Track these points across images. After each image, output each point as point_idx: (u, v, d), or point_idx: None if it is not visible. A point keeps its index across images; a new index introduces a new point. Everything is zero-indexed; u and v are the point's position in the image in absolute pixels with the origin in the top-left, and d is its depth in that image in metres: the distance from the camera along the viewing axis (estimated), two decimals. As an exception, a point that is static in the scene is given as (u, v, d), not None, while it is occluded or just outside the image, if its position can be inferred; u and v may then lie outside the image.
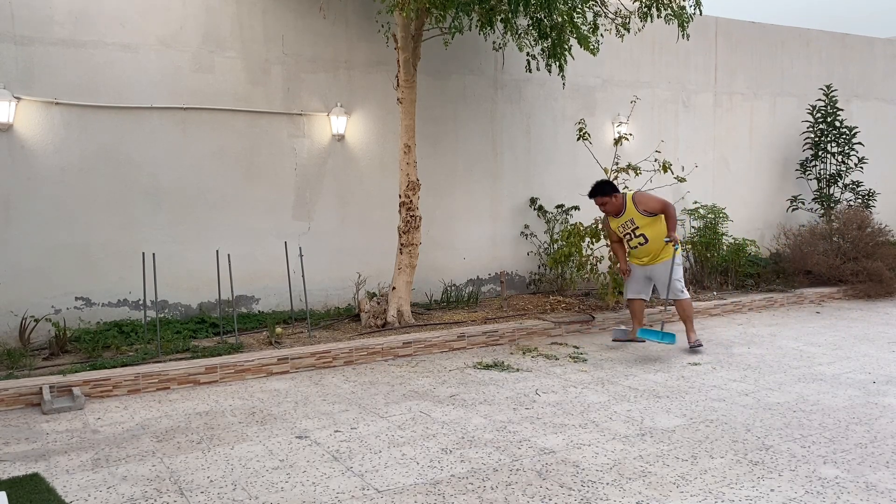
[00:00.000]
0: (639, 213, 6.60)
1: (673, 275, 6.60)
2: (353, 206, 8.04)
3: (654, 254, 6.66)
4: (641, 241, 6.65)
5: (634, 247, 6.71)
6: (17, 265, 6.60)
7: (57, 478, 3.90)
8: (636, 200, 6.65)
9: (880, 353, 6.45)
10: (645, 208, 6.59)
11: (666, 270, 6.62)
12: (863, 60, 11.68)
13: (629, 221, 6.66)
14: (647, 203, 6.62)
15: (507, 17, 6.47)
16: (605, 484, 3.71)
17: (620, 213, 6.69)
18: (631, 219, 6.64)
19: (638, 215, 6.61)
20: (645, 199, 6.66)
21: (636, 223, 6.63)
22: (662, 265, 6.65)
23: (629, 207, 6.64)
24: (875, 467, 3.88)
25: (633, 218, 6.63)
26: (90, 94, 6.81)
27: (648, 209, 6.58)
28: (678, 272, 6.66)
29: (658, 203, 6.61)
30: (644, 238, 6.62)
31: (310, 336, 6.81)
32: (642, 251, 6.70)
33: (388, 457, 4.14)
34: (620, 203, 6.68)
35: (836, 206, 10.49)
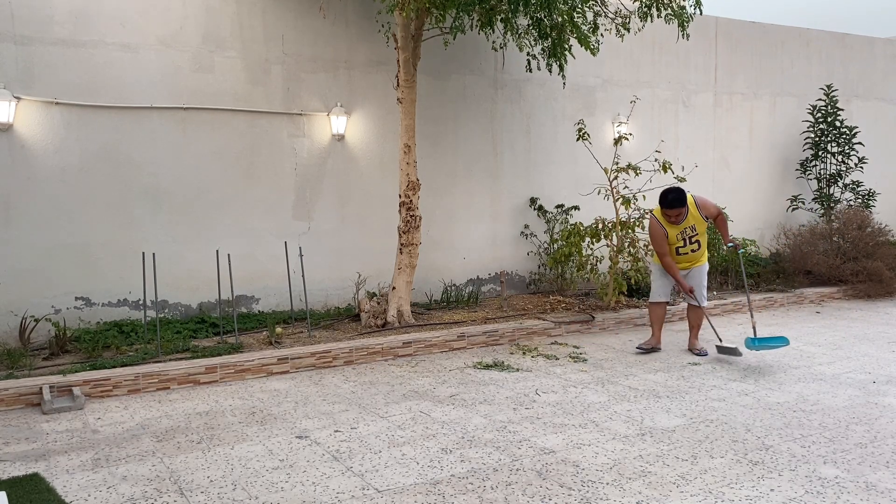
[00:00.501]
0: (702, 217, 6.36)
1: (703, 281, 6.55)
2: (352, 206, 8.04)
3: (697, 258, 6.52)
4: (695, 248, 6.44)
5: (685, 253, 6.44)
6: (17, 265, 6.60)
7: (57, 478, 3.90)
8: (699, 205, 6.39)
9: (880, 353, 6.45)
10: (707, 213, 6.39)
11: (700, 274, 6.53)
12: (863, 60, 11.68)
13: (691, 228, 6.38)
14: (708, 208, 6.42)
15: (507, 16, 6.47)
16: (605, 484, 3.71)
17: (683, 218, 6.36)
18: (692, 225, 6.37)
19: (701, 220, 6.37)
20: (706, 205, 6.44)
21: (697, 229, 6.38)
22: (699, 269, 6.54)
23: (692, 212, 6.35)
24: (875, 467, 3.88)
25: (695, 224, 6.37)
26: (90, 94, 6.81)
27: (709, 214, 6.41)
28: (705, 279, 6.61)
29: (716, 208, 6.49)
30: (698, 244, 6.42)
31: (310, 336, 6.81)
32: (691, 257, 6.50)
33: (388, 457, 4.14)
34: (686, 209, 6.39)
35: (836, 206, 10.49)
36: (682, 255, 6.46)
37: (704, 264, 6.55)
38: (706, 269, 6.58)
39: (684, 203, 6.29)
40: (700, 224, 6.39)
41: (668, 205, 6.29)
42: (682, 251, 6.45)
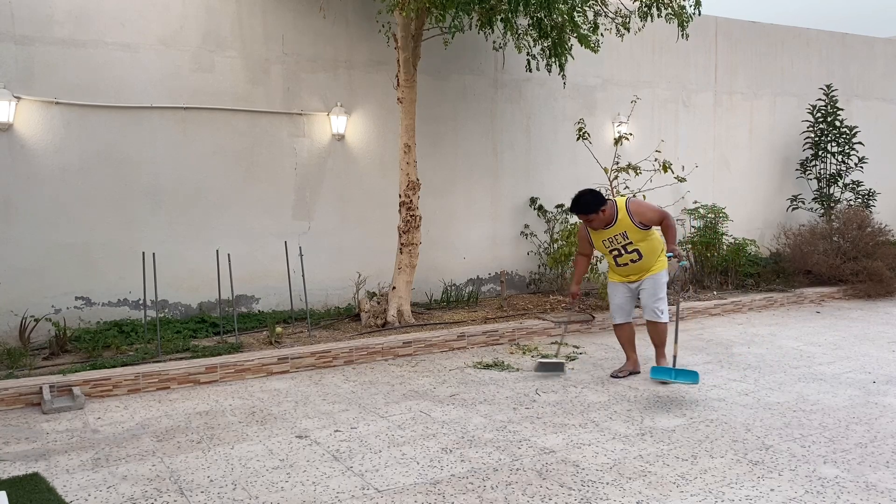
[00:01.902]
0: (635, 225, 5.53)
1: (657, 292, 5.68)
2: (353, 206, 8.04)
3: (646, 269, 5.70)
4: (634, 258, 5.63)
5: (624, 263, 5.67)
6: (17, 265, 6.60)
7: (57, 477, 3.90)
8: (632, 210, 5.54)
9: (880, 353, 6.45)
10: (642, 220, 5.53)
11: (653, 285, 5.68)
12: (863, 60, 11.68)
13: (621, 235, 5.56)
14: (644, 213, 5.54)
15: (507, 16, 6.46)
16: (605, 484, 3.71)
17: (609, 225, 5.60)
18: (623, 232, 5.55)
19: (633, 228, 5.53)
20: (642, 210, 5.56)
21: (630, 237, 5.56)
22: (650, 279, 5.69)
23: (622, 218, 5.54)
24: (875, 467, 3.88)
25: (626, 231, 5.54)
26: (90, 94, 6.81)
27: (645, 220, 5.53)
28: (663, 291, 5.70)
29: (657, 213, 5.55)
30: (638, 254, 5.60)
31: (310, 336, 6.81)
32: (634, 268, 5.70)
33: (388, 456, 4.14)
34: (610, 214, 5.57)
35: (836, 205, 10.49)
36: (623, 267, 5.71)
37: (657, 273, 5.68)
38: (660, 279, 5.68)
39: (593, 209, 5.53)
40: (634, 232, 5.53)
41: (575, 210, 5.66)
42: (620, 262, 5.69)
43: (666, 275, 5.75)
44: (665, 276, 5.74)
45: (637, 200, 5.78)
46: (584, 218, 5.66)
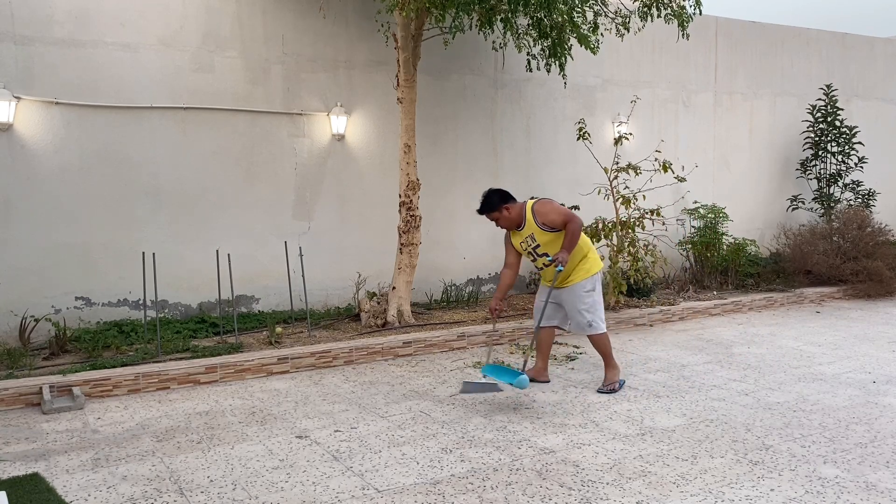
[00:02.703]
0: (538, 227, 5.24)
1: (577, 303, 5.36)
2: (353, 206, 8.04)
3: (565, 275, 5.37)
4: (546, 262, 5.34)
5: (541, 268, 5.43)
6: (17, 265, 6.60)
7: (57, 477, 3.90)
8: (536, 212, 5.26)
9: (880, 353, 6.45)
10: (545, 221, 5.22)
11: (571, 296, 5.37)
12: (863, 60, 11.69)
13: (530, 237, 5.30)
14: (547, 215, 5.23)
15: (507, 16, 6.46)
16: (605, 484, 3.71)
17: (521, 227, 5.33)
18: (531, 234, 5.28)
19: (538, 230, 5.24)
20: (545, 211, 5.25)
21: (537, 240, 5.27)
22: (568, 289, 5.38)
23: (529, 220, 5.27)
24: (875, 467, 3.88)
25: (533, 233, 5.27)
26: (90, 94, 6.81)
27: (549, 223, 5.22)
28: (587, 300, 5.35)
29: (560, 216, 5.21)
30: (548, 258, 5.32)
31: (310, 336, 6.81)
32: (548, 273, 5.40)
33: (388, 456, 4.14)
34: (517, 215, 5.30)
35: (836, 205, 10.49)
36: (543, 271, 5.46)
37: (576, 283, 5.34)
38: (579, 289, 5.34)
39: (495, 208, 5.31)
40: (540, 234, 5.25)
41: (478, 210, 5.43)
42: (537, 266, 5.45)
43: (589, 283, 5.35)
44: (587, 284, 5.35)
45: (544, 201, 5.40)
46: (489, 218, 5.43)
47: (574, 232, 5.16)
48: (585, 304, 5.36)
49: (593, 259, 5.44)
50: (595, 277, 5.41)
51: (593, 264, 5.42)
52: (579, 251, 5.36)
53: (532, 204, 5.34)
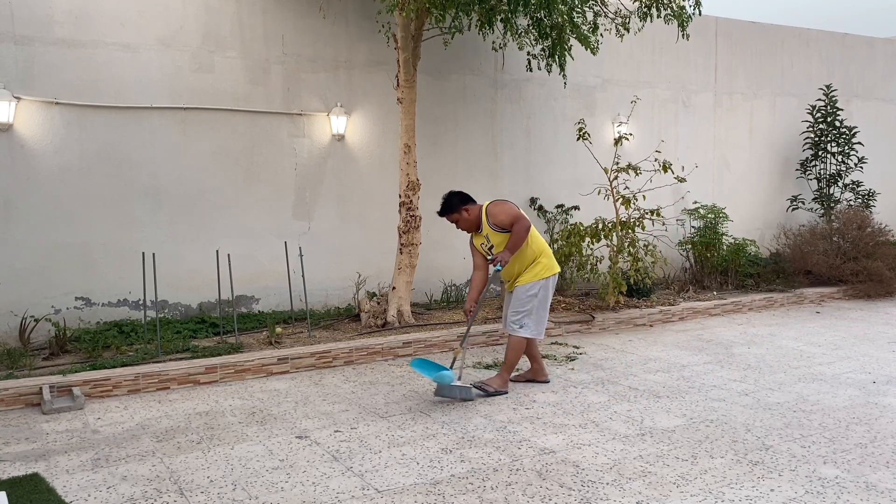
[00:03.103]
0: (490, 227, 5.30)
1: (518, 305, 5.35)
2: (352, 206, 8.04)
3: (514, 276, 5.44)
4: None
5: (497, 269, 5.34)
6: (17, 265, 6.60)
7: (57, 478, 3.90)
8: (488, 213, 5.33)
9: (880, 353, 6.45)
10: (495, 222, 5.28)
11: (516, 297, 5.37)
12: (863, 60, 11.69)
13: (485, 238, 5.37)
14: (497, 216, 5.28)
15: (507, 16, 6.47)
16: (605, 484, 3.71)
17: (480, 228, 5.40)
18: (487, 235, 5.35)
19: (491, 231, 5.30)
20: (496, 212, 5.30)
21: (491, 241, 5.34)
22: (515, 291, 5.40)
23: (483, 221, 5.35)
24: (875, 467, 3.88)
25: (488, 234, 5.34)
26: (90, 94, 6.81)
27: (498, 223, 5.27)
28: (527, 304, 5.32)
29: (508, 216, 5.24)
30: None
31: (310, 336, 6.81)
32: (505, 275, 5.47)
33: (388, 457, 4.14)
34: (475, 217, 5.38)
35: (836, 205, 10.50)
36: (499, 272, 5.40)
37: (522, 285, 5.35)
38: (523, 292, 5.33)
39: (451, 210, 5.42)
40: (493, 235, 5.31)
41: (439, 212, 5.52)
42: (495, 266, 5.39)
43: (534, 287, 5.32)
44: (532, 287, 5.32)
45: (497, 202, 5.43)
46: (450, 220, 5.52)
47: (518, 233, 5.18)
48: (524, 307, 5.33)
49: (545, 264, 5.38)
50: (541, 283, 5.34)
51: (543, 269, 5.36)
52: (531, 254, 5.35)
53: (487, 205, 5.39)
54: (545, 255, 5.41)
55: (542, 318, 5.40)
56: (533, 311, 5.34)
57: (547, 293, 5.40)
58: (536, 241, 5.39)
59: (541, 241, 5.44)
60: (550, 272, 5.40)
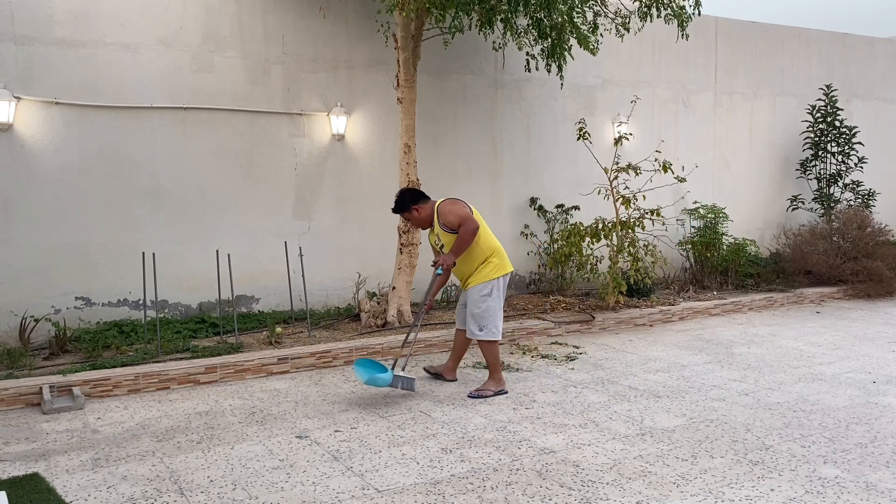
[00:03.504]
0: (440, 227, 5.30)
1: (472, 307, 5.31)
2: (352, 206, 8.04)
3: (465, 277, 5.43)
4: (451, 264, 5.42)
5: (438, 272, 5.38)
6: (17, 265, 6.60)
7: (57, 477, 3.90)
8: (439, 211, 5.31)
9: (880, 353, 6.45)
10: (444, 221, 5.26)
11: (469, 299, 5.36)
12: (863, 60, 11.69)
13: (436, 237, 5.39)
14: (446, 216, 5.25)
15: (506, 16, 6.46)
16: (605, 484, 3.71)
17: (433, 226, 5.41)
18: (438, 234, 5.36)
19: (441, 230, 5.30)
20: (446, 211, 5.27)
21: (442, 240, 5.34)
22: (467, 292, 5.39)
23: (435, 220, 5.34)
24: (875, 467, 3.88)
25: (438, 234, 5.34)
26: (90, 94, 6.81)
27: (447, 223, 5.25)
28: (481, 305, 5.28)
29: (456, 217, 5.21)
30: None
31: (310, 336, 6.81)
32: (456, 274, 5.47)
33: (388, 456, 4.14)
34: (427, 215, 5.36)
35: (836, 205, 10.50)
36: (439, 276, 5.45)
37: (473, 286, 5.32)
38: (475, 293, 5.30)
39: (406, 208, 5.39)
40: (443, 235, 5.30)
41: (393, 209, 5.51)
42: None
43: (485, 288, 5.29)
44: (483, 288, 5.29)
45: (448, 201, 5.39)
46: (403, 217, 5.56)
47: (463, 236, 5.16)
48: (479, 309, 5.30)
49: (495, 264, 5.35)
50: (492, 283, 5.31)
51: (493, 269, 5.33)
52: (481, 254, 5.33)
53: (439, 203, 5.36)
54: (496, 254, 5.38)
55: (499, 318, 5.37)
56: (489, 311, 5.31)
57: (499, 293, 5.38)
58: (488, 240, 5.37)
59: (492, 240, 5.42)
60: (501, 272, 5.36)
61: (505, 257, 5.45)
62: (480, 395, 5.28)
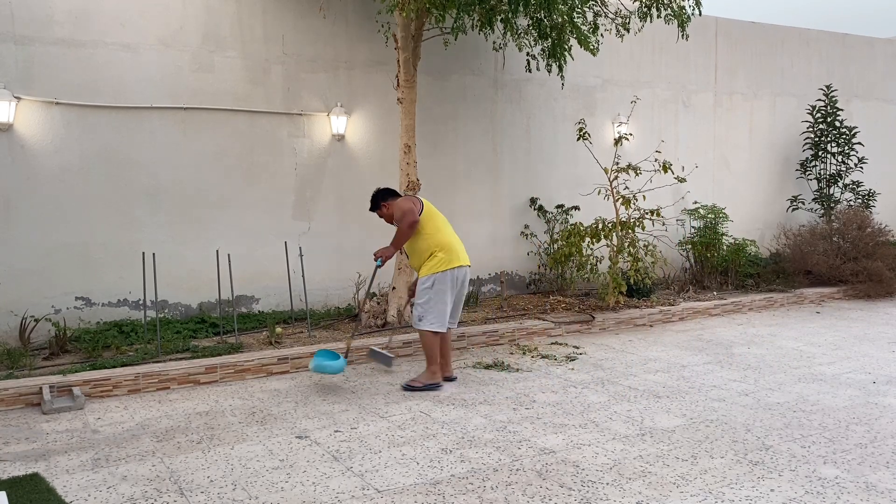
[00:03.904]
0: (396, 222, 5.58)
1: (417, 296, 5.52)
2: (353, 206, 8.04)
3: (416, 269, 5.67)
4: (408, 255, 5.72)
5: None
6: (17, 265, 6.60)
7: (57, 478, 3.90)
8: (391, 205, 5.61)
9: (880, 353, 6.46)
10: (396, 216, 5.53)
11: (417, 290, 5.56)
12: (863, 60, 11.69)
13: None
14: (392, 209, 5.55)
15: (507, 17, 6.47)
16: (605, 484, 3.71)
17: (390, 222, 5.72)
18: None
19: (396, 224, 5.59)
20: (395, 207, 5.53)
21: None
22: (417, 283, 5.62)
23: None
24: (875, 467, 3.88)
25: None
26: (90, 94, 6.81)
27: (396, 218, 5.53)
28: (423, 296, 5.47)
29: (399, 211, 5.48)
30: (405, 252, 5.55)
31: (310, 336, 6.81)
32: (412, 264, 5.72)
33: (388, 457, 4.14)
34: (391, 213, 5.63)
35: (836, 206, 10.50)
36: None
37: (420, 279, 5.54)
38: (420, 284, 5.52)
39: (374, 206, 5.68)
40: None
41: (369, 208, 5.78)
42: None
43: (428, 280, 5.45)
44: (426, 281, 5.46)
45: (404, 198, 5.65)
46: (378, 215, 5.76)
47: (400, 229, 5.45)
48: (421, 300, 5.48)
49: (441, 258, 5.46)
50: (435, 276, 5.44)
51: (438, 263, 5.46)
52: (426, 248, 5.50)
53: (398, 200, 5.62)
54: (443, 249, 5.49)
55: (442, 311, 5.48)
56: (430, 303, 5.45)
57: (443, 286, 5.46)
58: (436, 236, 5.50)
59: (443, 236, 5.53)
60: (446, 266, 5.46)
61: (454, 253, 5.54)
62: (411, 387, 5.45)
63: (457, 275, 5.52)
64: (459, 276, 5.55)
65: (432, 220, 5.54)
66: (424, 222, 5.51)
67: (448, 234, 5.59)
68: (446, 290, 5.48)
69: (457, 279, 5.54)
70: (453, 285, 5.52)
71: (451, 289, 5.51)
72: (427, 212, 5.55)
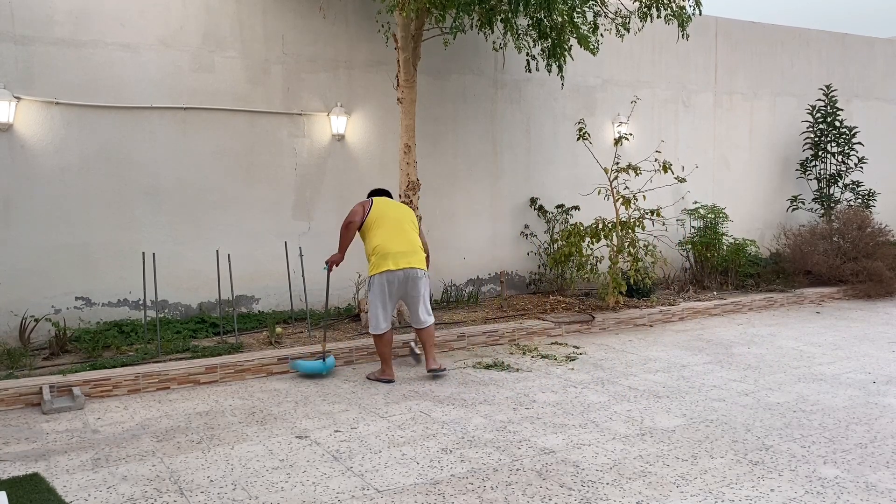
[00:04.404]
0: None
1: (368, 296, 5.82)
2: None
3: None
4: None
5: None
6: (17, 265, 6.60)
7: (57, 477, 3.90)
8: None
9: (880, 353, 6.46)
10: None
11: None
12: (863, 60, 11.69)
13: None
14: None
15: (507, 17, 6.47)
16: (605, 484, 3.71)
17: None
18: None
19: None
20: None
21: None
22: None
23: None
24: (875, 467, 3.88)
25: None
26: (90, 94, 6.81)
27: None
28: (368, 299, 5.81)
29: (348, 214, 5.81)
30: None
31: (310, 336, 6.81)
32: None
33: (388, 457, 4.14)
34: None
35: (836, 206, 10.50)
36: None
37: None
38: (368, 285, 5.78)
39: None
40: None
41: None
42: None
43: (368, 284, 5.71)
44: (368, 285, 5.72)
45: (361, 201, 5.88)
46: None
47: (343, 236, 5.73)
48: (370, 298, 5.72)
49: (372, 262, 5.66)
50: (371, 279, 5.66)
51: (371, 267, 5.67)
52: (367, 253, 5.74)
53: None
54: (376, 254, 5.63)
55: (374, 314, 5.67)
56: (371, 307, 5.69)
57: (374, 290, 5.64)
58: (371, 240, 5.67)
59: (378, 240, 5.65)
60: (375, 270, 5.63)
61: (385, 257, 5.61)
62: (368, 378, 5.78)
63: (388, 279, 5.62)
64: (393, 280, 5.62)
65: (378, 223, 5.67)
66: (369, 226, 5.68)
67: (387, 238, 5.63)
68: (385, 293, 5.63)
69: (389, 283, 5.63)
70: (382, 290, 5.63)
71: (383, 293, 5.63)
72: (375, 215, 5.69)
